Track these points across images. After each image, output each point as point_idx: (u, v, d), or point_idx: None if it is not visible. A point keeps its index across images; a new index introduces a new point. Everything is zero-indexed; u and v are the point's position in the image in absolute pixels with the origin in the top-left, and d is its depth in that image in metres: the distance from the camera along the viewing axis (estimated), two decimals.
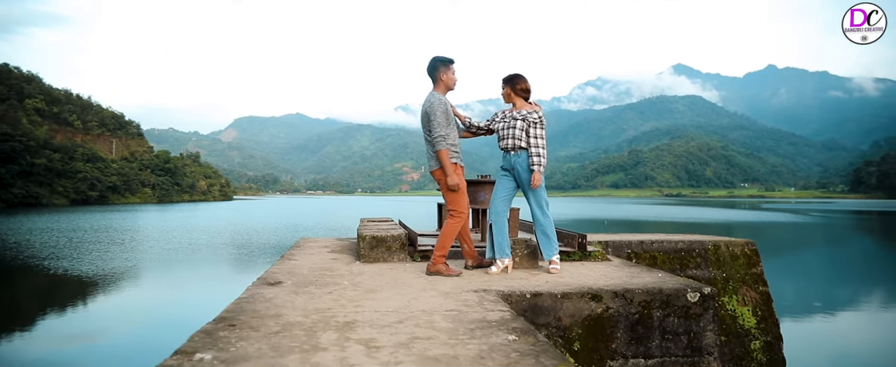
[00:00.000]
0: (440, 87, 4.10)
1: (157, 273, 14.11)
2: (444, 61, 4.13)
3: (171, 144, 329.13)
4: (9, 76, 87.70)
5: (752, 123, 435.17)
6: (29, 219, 36.24)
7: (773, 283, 6.68)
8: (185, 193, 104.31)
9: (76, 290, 11.78)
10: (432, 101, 4.01)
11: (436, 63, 4.12)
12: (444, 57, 4.16)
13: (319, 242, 5.99)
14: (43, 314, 9.59)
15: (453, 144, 4.03)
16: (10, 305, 10.84)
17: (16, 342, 8.03)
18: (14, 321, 9.27)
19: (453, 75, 4.14)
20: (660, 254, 5.87)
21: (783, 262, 19.09)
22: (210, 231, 27.38)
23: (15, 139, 67.96)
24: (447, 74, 4.10)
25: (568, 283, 3.48)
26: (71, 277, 12.95)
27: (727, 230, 31.96)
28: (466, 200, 4.09)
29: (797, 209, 68.34)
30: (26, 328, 8.78)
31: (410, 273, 3.93)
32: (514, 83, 4.11)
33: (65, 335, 8.33)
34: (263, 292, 3.09)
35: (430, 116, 3.99)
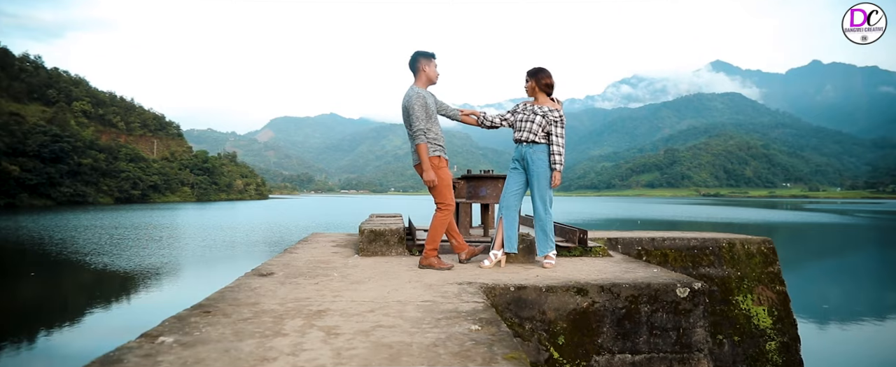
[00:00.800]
0: (421, 80, 4.11)
1: (192, 269, 14.54)
2: (425, 55, 4.13)
3: (209, 144, 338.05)
4: (58, 79, 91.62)
5: (795, 121, 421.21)
6: (75, 216, 37.75)
7: (801, 284, 6.50)
8: (222, 192, 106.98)
9: (117, 285, 12.25)
10: (411, 95, 4.02)
11: (416, 56, 4.13)
12: (425, 51, 4.16)
13: (329, 236, 6.11)
14: (89, 308, 10.01)
15: (435, 138, 4.04)
16: (59, 298, 11.33)
17: (65, 334, 8.41)
18: (63, 314, 9.70)
19: (434, 69, 4.13)
20: (671, 251, 5.74)
21: (818, 263, 18.44)
22: (245, 229, 28.05)
23: (63, 140, 70.89)
24: (428, 67, 4.10)
25: (555, 277, 3.46)
26: (112, 272, 13.47)
27: (767, 231, 31.02)
28: (452, 193, 4.10)
29: (843, 210, 65.78)
30: (75, 321, 9.18)
31: (403, 266, 3.97)
32: (539, 77, 4.10)
33: (108, 327, 8.67)
34: (251, 281, 3.17)
35: (409, 110, 4.00)
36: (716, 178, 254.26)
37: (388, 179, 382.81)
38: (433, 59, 4.15)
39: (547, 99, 4.14)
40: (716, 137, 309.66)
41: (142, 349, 1.81)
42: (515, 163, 4.17)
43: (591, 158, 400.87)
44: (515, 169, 4.16)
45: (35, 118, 72.94)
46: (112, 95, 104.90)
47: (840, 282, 14.65)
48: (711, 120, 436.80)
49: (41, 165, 66.36)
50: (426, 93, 4.09)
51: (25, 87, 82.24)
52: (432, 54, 4.17)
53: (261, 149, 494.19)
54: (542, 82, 4.09)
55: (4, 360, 7.02)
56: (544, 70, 4.14)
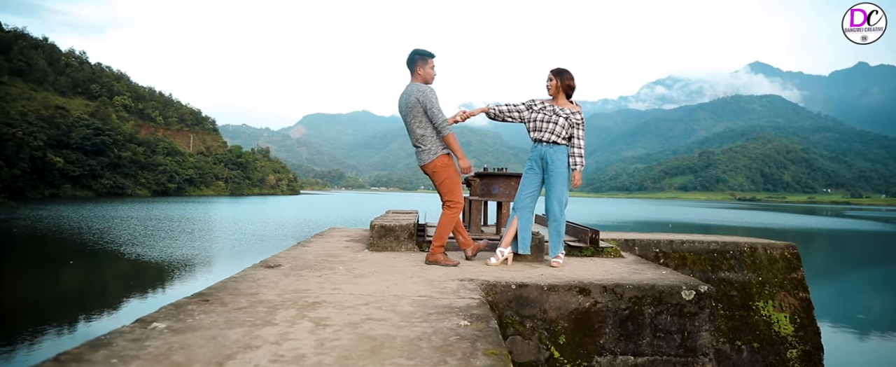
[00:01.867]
0: (418, 79, 4.06)
1: (221, 261, 14.87)
2: (423, 55, 4.06)
3: (243, 139, 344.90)
4: (101, 74, 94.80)
5: (838, 125, 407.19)
6: (114, 207, 39.02)
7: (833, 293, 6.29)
8: (255, 186, 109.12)
9: (150, 274, 12.63)
10: (423, 89, 3.96)
11: (414, 56, 4.06)
12: (424, 50, 4.08)
13: (345, 231, 6.16)
14: (122, 296, 10.36)
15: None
16: (96, 286, 11.75)
17: (97, 319, 8.72)
18: (100, 301, 10.06)
19: (432, 70, 4.06)
20: (690, 255, 5.60)
21: (855, 272, 17.80)
22: (275, 223, 28.55)
23: (105, 133, 73.36)
24: (425, 67, 4.03)
25: (560, 276, 3.43)
26: (145, 262, 13.89)
27: (804, 236, 30.07)
28: (461, 191, 4.09)
29: (887, 217, 63.33)
30: (108, 307, 9.50)
31: (410, 262, 3.98)
32: (563, 77, 4.04)
33: (134, 313, 8.94)
34: (256, 272, 3.23)
35: (427, 104, 3.93)
36: (752, 182, 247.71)
37: (417, 178, 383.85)
38: (430, 60, 4.08)
39: (566, 101, 4.11)
40: (753, 140, 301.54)
41: (133, 334, 1.87)
42: (532, 163, 4.11)
43: (623, 160, 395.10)
44: (531, 169, 4.10)
45: (79, 112, 75.69)
46: (151, 89, 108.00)
47: (878, 292, 14.12)
48: (749, 123, 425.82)
49: (83, 157, 68.82)
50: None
51: (70, 81, 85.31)
52: (431, 54, 4.10)
53: (293, 145, 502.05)
54: (566, 83, 4.05)
55: (45, 343, 7.32)
56: (569, 71, 4.09)
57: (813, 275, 6.67)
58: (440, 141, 4.03)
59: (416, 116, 4.00)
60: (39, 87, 78.02)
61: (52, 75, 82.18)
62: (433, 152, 4.01)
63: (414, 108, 3.99)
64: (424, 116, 3.98)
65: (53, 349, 6.66)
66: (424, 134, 4.00)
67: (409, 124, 4.07)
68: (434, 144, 4.01)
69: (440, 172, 4.04)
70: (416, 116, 4.00)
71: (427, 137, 4.00)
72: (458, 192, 4.06)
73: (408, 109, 4.02)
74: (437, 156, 4.01)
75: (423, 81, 4.05)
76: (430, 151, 4.01)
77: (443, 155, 4.02)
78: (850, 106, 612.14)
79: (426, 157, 4.04)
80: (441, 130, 3.96)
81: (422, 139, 4.02)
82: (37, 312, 9.08)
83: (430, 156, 4.02)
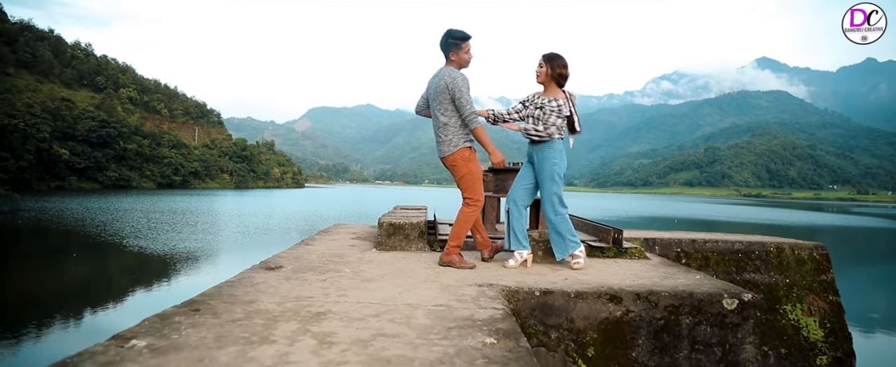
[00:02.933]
0: (451, 65, 3.71)
1: (222, 255, 14.64)
2: (457, 37, 3.68)
3: (248, 132, 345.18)
4: (107, 67, 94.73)
5: (844, 121, 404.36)
6: (118, 200, 38.93)
7: (848, 293, 5.95)
8: (259, 179, 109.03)
9: (150, 268, 12.41)
10: (455, 76, 3.60)
11: (446, 39, 3.69)
12: (458, 31, 3.69)
13: (350, 228, 5.88)
14: (122, 291, 10.14)
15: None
16: (99, 280, 11.54)
17: (106, 315, 8.50)
18: (102, 295, 9.84)
19: (466, 54, 3.71)
20: (713, 255, 5.29)
21: (866, 270, 17.44)
22: (279, 216, 28.35)
23: (110, 126, 73.27)
24: (458, 52, 3.68)
25: (587, 281, 3.14)
26: (147, 255, 13.67)
27: (810, 233, 29.67)
28: (482, 188, 3.79)
29: (894, 214, 62.70)
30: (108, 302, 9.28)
31: (421, 263, 3.70)
32: (554, 63, 3.69)
33: (128, 312, 8.72)
34: (255, 276, 2.95)
35: (455, 91, 3.58)
36: (758, 178, 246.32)
37: (422, 171, 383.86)
38: (465, 43, 3.71)
39: (557, 90, 3.75)
40: (759, 136, 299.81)
41: (106, 354, 1.59)
42: (527, 158, 3.95)
43: (628, 155, 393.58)
44: (527, 165, 3.93)
45: (84, 104, 75.61)
46: (157, 82, 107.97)
47: (891, 292, 13.78)
48: (755, 118, 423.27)
49: (89, 149, 68.79)
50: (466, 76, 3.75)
51: (76, 73, 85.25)
52: (466, 36, 3.72)
53: (298, 138, 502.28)
54: (557, 71, 3.70)
55: (49, 337, 7.10)
56: (561, 57, 3.73)
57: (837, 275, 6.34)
58: (463, 132, 3.71)
59: (442, 102, 3.68)
60: (45, 78, 77.99)
61: (58, 67, 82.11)
62: (454, 144, 3.69)
63: (441, 93, 3.66)
64: (451, 103, 3.66)
65: (55, 344, 6.41)
66: (447, 123, 3.69)
67: (433, 110, 3.76)
68: (456, 136, 3.70)
69: (460, 166, 3.72)
70: (441, 103, 3.68)
71: (450, 126, 3.69)
72: (478, 188, 3.76)
73: (435, 93, 3.70)
74: (458, 149, 3.70)
75: (458, 66, 3.72)
76: (451, 142, 3.70)
77: (464, 148, 3.71)
78: (857, 102, 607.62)
79: (446, 148, 3.73)
80: (468, 122, 3.64)
81: (443, 128, 3.71)
82: (39, 306, 8.88)
83: (450, 148, 3.71)
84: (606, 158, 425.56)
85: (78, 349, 1.56)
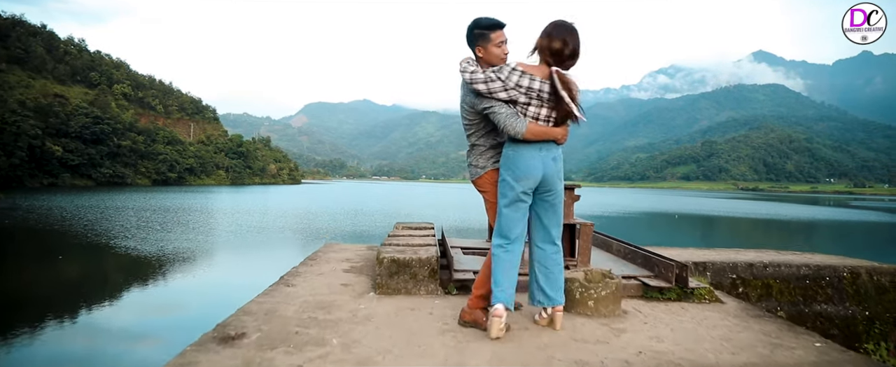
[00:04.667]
0: (481, 64, 2.86)
1: (213, 257, 14.21)
2: (484, 26, 2.82)
3: (245, 128, 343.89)
4: (101, 63, 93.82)
5: (841, 114, 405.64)
6: (111, 197, 38.38)
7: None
8: (256, 176, 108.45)
9: (136, 272, 11.96)
10: (467, 72, 2.77)
11: (471, 32, 2.86)
12: (486, 20, 2.83)
13: (344, 252, 5.22)
14: (104, 298, 9.69)
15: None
16: (84, 285, 11.09)
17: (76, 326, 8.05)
18: (85, 302, 9.38)
19: (497, 48, 2.82)
20: (776, 282, 4.54)
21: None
22: (274, 214, 27.89)
23: (104, 122, 72.57)
24: (486, 46, 2.83)
25: (671, 357, 2.48)
26: (134, 257, 13.22)
27: (808, 227, 29.41)
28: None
29: (894, 208, 62.57)
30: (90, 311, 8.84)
31: (436, 321, 2.97)
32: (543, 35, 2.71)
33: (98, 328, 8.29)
34: (201, 358, 2.28)
35: (469, 101, 2.85)
36: (755, 171, 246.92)
37: (419, 167, 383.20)
38: (495, 33, 2.83)
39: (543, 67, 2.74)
40: (756, 129, 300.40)
41: None
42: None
43: (625, 149, 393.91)
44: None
45: (78, 100, 74.84)
46: (151, 78, 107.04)
47: None
48: (752, 112, 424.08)
49: (83, 146, 68.11)
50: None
51: (69, 69, 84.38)
52: (496, 24, 2.83)
53: (295, 134, 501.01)
54: (541, 42, 2.72)
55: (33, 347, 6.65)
56: (560, 26, 2.71)
57: None
58: (492, 151, 2.95)
59: (463, 111, 2.95)
60: (38, 75, 77.17)
61: (51, 63, 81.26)
62: (480, 167, 2.97)
63: (462, 100, 2.92)
64: (475, 115, 2.88)
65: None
66: (473, 141, 2.98)
67: (467, 113, 2.95)
68: (481, 157, 2.96)
69: (490, 192, 2.97)
70: (463, 113, 2.96)
71: (477, 146, 2.97)
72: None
73: (460, 102, 2.95)
74: (486, 171, 2.95)
75: (488, 65, 2.83)
76: (476, 165, 2.99)
77: (492, 170, 2.94)
78: (853, 95, 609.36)
79: (473, 172, 3.01)
80: (509, 131, 2.69)
81: (471, 148, 3.02)
82: (12, 312, 8.43)
83: (476, 171, 3.00)
84: (603, 152, 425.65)
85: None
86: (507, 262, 2.76)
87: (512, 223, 2.78)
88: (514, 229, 2.79)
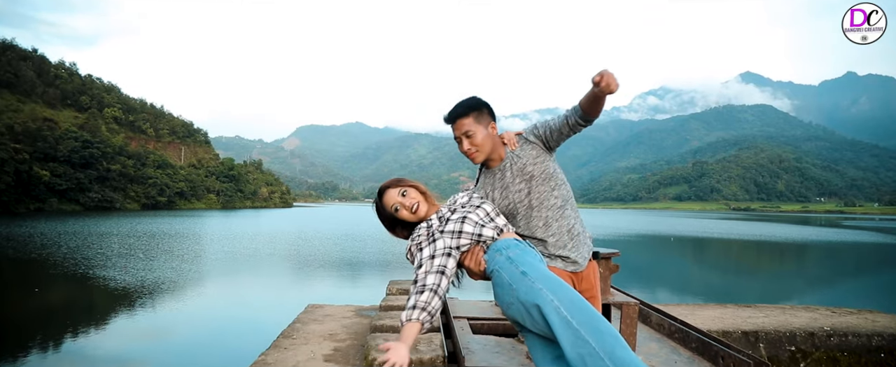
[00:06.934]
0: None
1: (192, 289, 13.76)
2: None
3: (236, 151, 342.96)
4: (92, 86, 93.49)
5: (829, 134, 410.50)
6: (96, 223, 37.72)
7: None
8: (247, 199, 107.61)
9: (113, 304, 11.50)
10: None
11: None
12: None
13: (325, 322, 4.59)
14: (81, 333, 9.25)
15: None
16: (58, 319, 10.64)
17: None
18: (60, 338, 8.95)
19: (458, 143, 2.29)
20: (843, 356, 3.83)
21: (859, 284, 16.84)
22: (264, 239, 27.41)
23: (94, 146, 71.99)
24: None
25: None
26: (112, 288, 12.75)
27: (800, 249, 29.25)
28: None
29: (882, 227, 62.77)
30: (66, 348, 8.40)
31: None
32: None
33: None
34: None
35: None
36: (746, 191, 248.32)
37: None
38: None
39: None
40: (746, 149, 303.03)
41: None
42: None
43: (617, 170, 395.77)
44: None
45: (67, 124, 74.30)
46: (143, 101, 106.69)
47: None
48: (741, 132, 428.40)
49: (71, 170, 67.40)
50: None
51: (60, 93, 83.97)
52: (447, 117, 2.27)
53: (287, 157, 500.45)
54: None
55: None
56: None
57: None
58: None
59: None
60: (27, 98, 76.66)
61: (41, 87, 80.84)
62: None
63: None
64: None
65: None
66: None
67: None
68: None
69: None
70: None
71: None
72: None
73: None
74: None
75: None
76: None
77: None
78: (840, 115, 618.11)
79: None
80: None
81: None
82: None
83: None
84: (595, 173, 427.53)
85: None
86: None
87: None
88: None
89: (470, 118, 2.19)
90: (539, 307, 1.70)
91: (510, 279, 1.82)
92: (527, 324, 1.79)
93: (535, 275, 1.79)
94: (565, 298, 1.71)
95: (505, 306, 1.86)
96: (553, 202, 2.20)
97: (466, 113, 2.20)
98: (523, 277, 1.79)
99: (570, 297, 1.72)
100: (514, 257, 1.87)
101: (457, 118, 2.20)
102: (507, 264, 1.86)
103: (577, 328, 1.63)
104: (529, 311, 1.74)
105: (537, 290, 1.73)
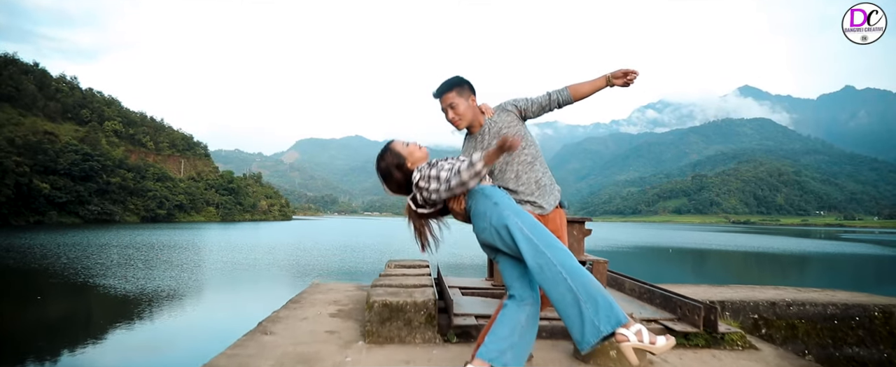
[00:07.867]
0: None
1: (189, 298, 13.81)
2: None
3: (236, 164, 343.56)
4: (92, 100, 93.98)
5: (827, 148, 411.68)
6: (96, 235, 37.75)
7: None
8: (246, 212, 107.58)
9: (112, 313, 11.56)
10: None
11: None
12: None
13: (332, 293, 4.87)
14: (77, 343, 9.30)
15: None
16: (59, 328, 10.68)
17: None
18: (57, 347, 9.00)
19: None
20: (801, 322, 4.27)
21: None
22: (263, 250, 27.45)
23: (94, 159, 72.17)
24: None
25: None
26: (112, 297, 12.81)
27: (801, 261, 29.28)
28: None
29: (882, 240, 62.79)
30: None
31: None
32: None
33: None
34: None
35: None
36: (746, 205, 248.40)
37: None
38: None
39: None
40: (745, 162, 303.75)
41: None
42: None
43: (616, 183, 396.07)
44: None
45: (68, 137, 74.56)
46: (143, 115, 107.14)
47: None
48: (740, 146, 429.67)
49: (71, 183, 67.51)
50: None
51: (60, 106, 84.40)
52: (436, 93, 2.76)
53: (286, 170, 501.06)
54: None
55: None
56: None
57: None
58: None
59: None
60: (28, 112, 77.01)
61: (42, 101, 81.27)
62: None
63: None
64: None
65: None
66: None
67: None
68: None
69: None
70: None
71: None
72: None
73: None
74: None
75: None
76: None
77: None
78: (838, 129, 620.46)
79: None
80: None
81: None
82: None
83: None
84: (595, 186, 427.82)
85: None
86: None
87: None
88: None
89: (453, 92, 2.65)
90: (507, 227, 2.10)
91: (485, 209, 2.20)
92: (498, 245, 2.17)
93: (504, 204, 2.19)
94: (528, 221, 2.13)
95: (480, 231, 2.24)
96: (523, 158, 2.67)
97: (450, 88, 2.67)
98: (495, 206, 2.18)
99: (532, 221, 2.13)
100: (488, 194, 2.25)
101: (443, 93, 2.69)
102: (483, 199, 2.23)
103: (536, 243, 2.03)
104: (500, 232, 2.13)
105: (506, 215, 2.13)
